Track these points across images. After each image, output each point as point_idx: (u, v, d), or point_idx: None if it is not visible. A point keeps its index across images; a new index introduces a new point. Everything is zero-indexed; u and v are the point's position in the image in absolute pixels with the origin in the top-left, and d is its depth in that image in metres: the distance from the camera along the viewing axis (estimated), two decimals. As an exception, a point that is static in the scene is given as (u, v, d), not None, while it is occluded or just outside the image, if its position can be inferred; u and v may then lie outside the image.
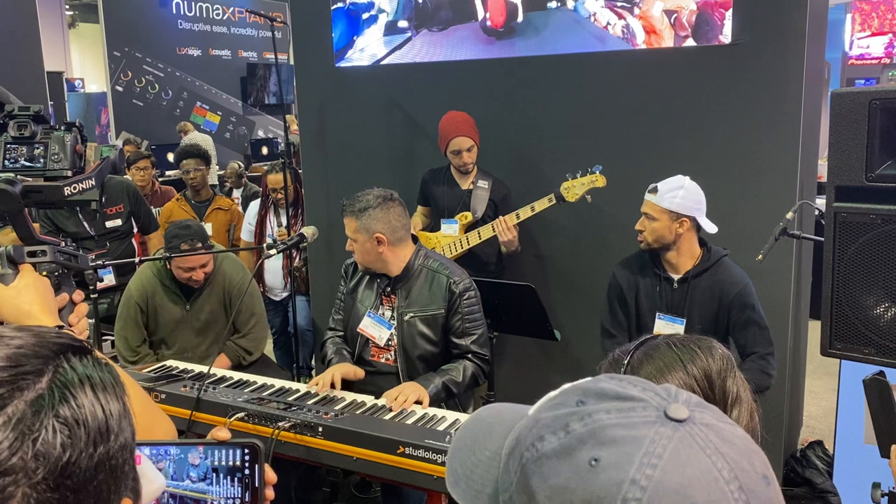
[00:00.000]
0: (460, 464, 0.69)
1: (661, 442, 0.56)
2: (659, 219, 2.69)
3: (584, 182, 3.22)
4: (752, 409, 1.05)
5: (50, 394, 0.62)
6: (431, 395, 2.53)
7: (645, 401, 0.60)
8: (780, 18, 3.06)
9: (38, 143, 1.38)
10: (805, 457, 3.52)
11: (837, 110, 1.57)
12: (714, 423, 0.59)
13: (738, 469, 0.56)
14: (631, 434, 0.57)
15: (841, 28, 10.63)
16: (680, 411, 0.58)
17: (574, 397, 0.62)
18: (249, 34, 11.80)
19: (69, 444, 0.61)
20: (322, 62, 4.15)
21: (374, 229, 2.65)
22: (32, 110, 1.39)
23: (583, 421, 0.59)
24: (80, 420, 0.63)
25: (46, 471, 0.60)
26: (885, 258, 1.53)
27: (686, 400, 0.61)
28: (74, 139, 1.39)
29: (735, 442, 0.59)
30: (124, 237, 4.19)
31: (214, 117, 11.29)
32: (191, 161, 4.79)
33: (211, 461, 0.92)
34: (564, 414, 0.60)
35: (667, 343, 1.10)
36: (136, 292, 3.38)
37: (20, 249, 1.29)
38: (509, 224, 3.34)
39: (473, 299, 2.74)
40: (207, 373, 2.66)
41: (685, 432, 0.57)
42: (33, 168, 1.37)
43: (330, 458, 2.25)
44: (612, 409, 0.59)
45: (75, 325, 1.32)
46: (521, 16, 3.61)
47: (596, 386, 0.63)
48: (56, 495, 0.60)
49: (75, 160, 1.39)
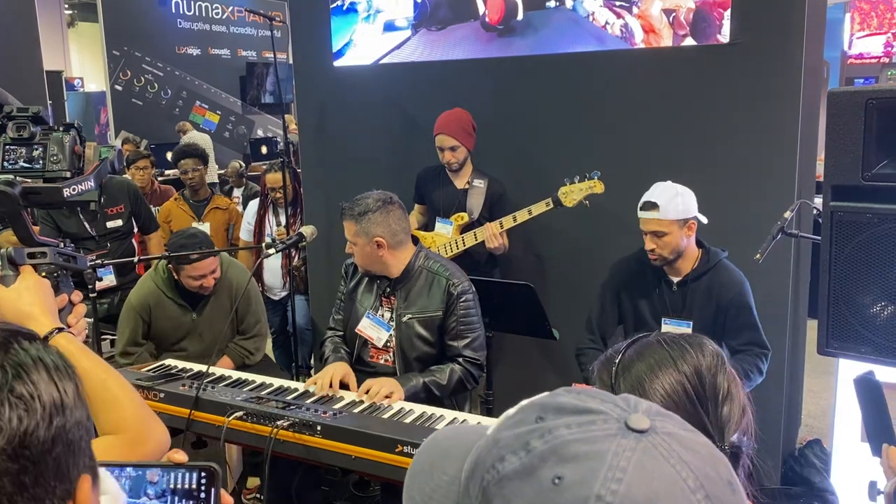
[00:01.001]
0: (418, 490, 0.67)
1: (625, 454, 0.55)
2: (669, 231, 2.64)
3: (583, 188, 3.21)
4: (743, 405, 1.05)
5: (3, 373, 0.68)
6: (408, 394, 2.54)
7: (605, 413, 0.59)
8: (778, 18, 3.06)
9: (36, 145, 1.38)
10: (803, 455, 3.53)
11: (834, 110, 1.57)
12: (676, 431, 0.58)
13: (703, 477, 0.55)
14: (593, 449, 0.56)
15: (840, 27, 10.63)
16: (641, 421, 0.57)
17: (533, 414, 0.60)
18: (249, 33, 11.80)
19: (25, 416, 0.66)
20: (321, 61, 4.16)
21: (374, 233, 2.64)
22: (31, 111, 1.40)
23: (543, 438, 0.57)
24: (34, 395, 0.68)
25: (5, 441, 0.64)
26: (881, 257, 1.53)
27: (646, 409, 0.60)
28: (73, 140, 1.40)
29: (698, 450, 0.58)
30: (125, 237, 4.19)
31: (214, 116, 11.29)
32: (189, 161, 4.79)
33: (168, 482, 0.92)
34: (524, 432, 0.59)
35: (658, 341, 1.11)
36: (137, 304, 3.31)
37: (20, 251, 1.29)
38: (495, 231, 3.33)
39: (470, 302, 2.73)
40: (206, 371, 2.66)
41: (647, 443, 0.56)
42: (32, 169, 1.37)
43: (328, 456, 2.25)
44: (571, 424, 0.58)
45: (74, 326, 1.33)
46: (520, 14, 3.61)
47: (554, 401, 0.61)
48: (16, 465, 0.65)
49: (74, 161, 1.40)
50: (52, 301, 1.27)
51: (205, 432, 2.57)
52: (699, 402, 1.02)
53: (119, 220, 4.12)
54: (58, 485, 0.68)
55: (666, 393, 1.02)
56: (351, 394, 2.56)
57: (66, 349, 1.19)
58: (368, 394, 2.49)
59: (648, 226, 2.66)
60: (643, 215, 2.67)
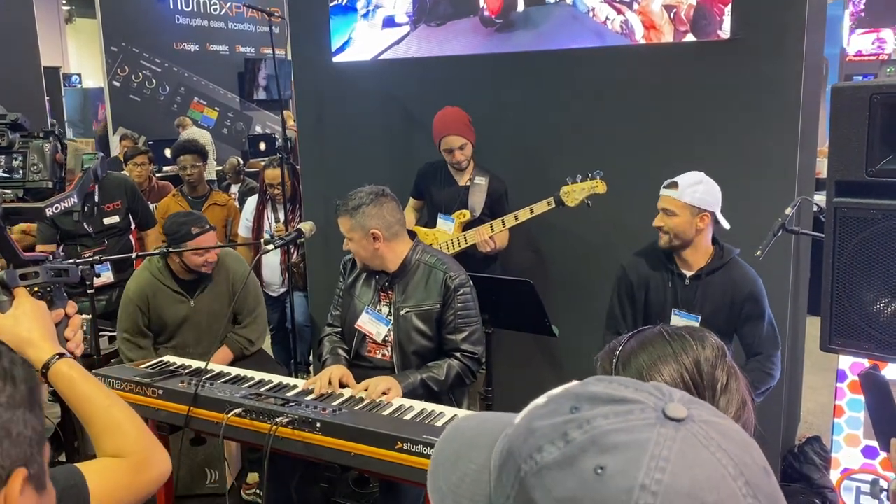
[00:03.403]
0: (444, 480, 0.67)
1: (666, 444, 0.55)
2: (680, 214, 2.64)
3: (585, 187, 3.19)
4: (743, 399, 1.05)
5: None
6: (406, 391, 2.53)
7: (641, 402, 0.59)
8: (779, 14, 3.05)
9: (16, 153, 1.33)
10: (803, 452, 3.52)
11: (838, 104, 1.56)
12: (711, 419, 0.59)
13: (741, 464, 0.56)
14: (634, 438, 0.56)
15: (839, 24, 10.62)
16: (678, 410, 0.57)
17: (567, 404, 0.60)
18: (247, 29, 11.76)
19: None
20: (320, 57, 4.14)
21: (369, 226, 2.65)
22: (9, 118, 1.34)
23: (581, 428, 0.57)
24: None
25: None
26: (885, 253, 1.52)
27: (681, 398, 0.60)
28: (54, 148, 1.35)
29: (734, 437, 0.58)
30: (122, 234, 4.17)
31: (212, 112, 11.26)
32: (188, 157, 4.78)
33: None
34: (561, 422, 0.59)
35: (660, 333, 1.10)
36: (135, 295, 3.34)
37: (13, 274, 1.26)
38: (485, 236, 3.34)
39: (468, 296, 2.73)
40: (205, 368, 2.65)
41: (687, 431, 0.56)
42: (12, 179, 1.32)
43: (328, 453, 2.25)
44: (609, 414, 0.58)
45: (71, 339, 1.31)
46: (521, 5, 3.59)
47: (586, 390, 0.61)
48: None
49: (55, 170, 1.35)
50: (50, 324, 1.25)
51: (204, 429, 2.56)
52: (696, 392, 1.02)
53: (116, 217, 4.10)
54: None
55: (665, 383, 1.02)
56: (350, 391, 2.55)
57: (68, 375, 1.18)
58: (367, 391, 2.48)
59: (663, 202, 2.69)
60: (663, 192, 2.70)
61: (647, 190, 2.84)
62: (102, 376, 2.68)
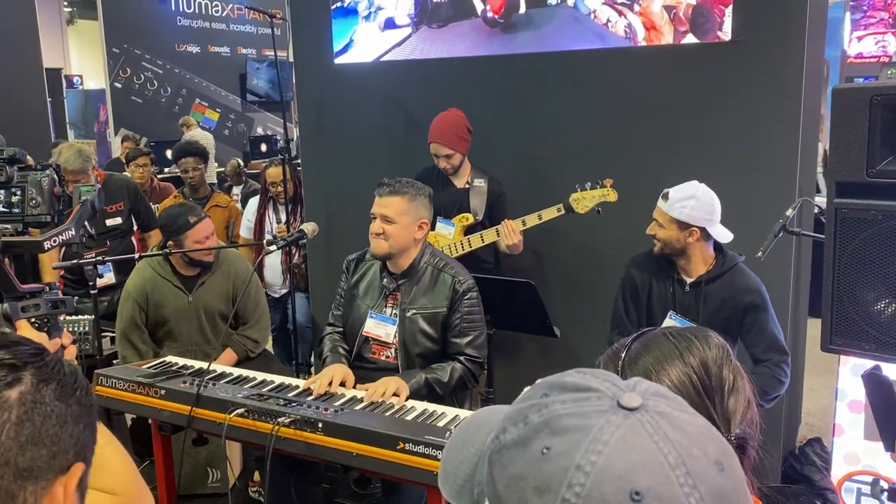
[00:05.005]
0: (451, 462, 0.72)
1: (609, 429, 0.57)
2: (667, 228, 2.65)
3: (595, 195, 3.18)
4: (749, 398, 1.06)
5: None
6: (412, 390, 2.54)
7: (601, 391, 0.61)
8: (780, 16, 3.06)
9: (14, 188, 1.34)
10: (803, 454, 3.52)
11: (838, 106, 1.56)
12: (668, 411, 0.60)
13: (686, 455, 0.56)
14: (582, 423, 0.58)
15: (840, 26, 10.62)
16: (632, 400, 0.59)
17: (541, 391, 0.64)
18: (249, 31, 11.78)
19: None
20: (321, 59, 4.15)
21: (422, 215, 2.70)
22: (6, 154, 1.35)
23: (540, 412, 0.60)
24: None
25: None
26: (885, 254, 1.52)
27: (644, 390, 0.62)
28: (52, 181, 1.36)
29: (687, 429, 0.59)
30: (124, 235, 4.19)
31: (213, 114, 11.28)
32: (189, 159, 4.79)
33: None
34: (526, 406, 0.62)
35: (664, 334, 1.11)
36: (134, 291, 3.37)
37: (14, 306, 1.27)
38: (516, 229, 3.29)
39: (475, 300, 2.74)
40: (207, 368, 2.66)
41: (635, 420, 0.58)
42: (11, 214, 1.34)
43: (330, 453, 2.25)
44: (567, 400, 0.60)
45: None
46: (522, 7, 3.60)
47: (561, 380, 0.64)
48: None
49: (54, 203, 1.36)
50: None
51: (206, 429, 2.57)
52: (706, 393, 1.02)
53: (118, 218, 4.11)
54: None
55: (673, 385, 1.02)
56: (352, 391, 2.55)
57: None
58: (376, 392, 2.47)
59: (655, 212, 2.71)
60: (658, 202, 2.71)
61: (647, 191, 2.84)
62: (105, 376, 2.69)
